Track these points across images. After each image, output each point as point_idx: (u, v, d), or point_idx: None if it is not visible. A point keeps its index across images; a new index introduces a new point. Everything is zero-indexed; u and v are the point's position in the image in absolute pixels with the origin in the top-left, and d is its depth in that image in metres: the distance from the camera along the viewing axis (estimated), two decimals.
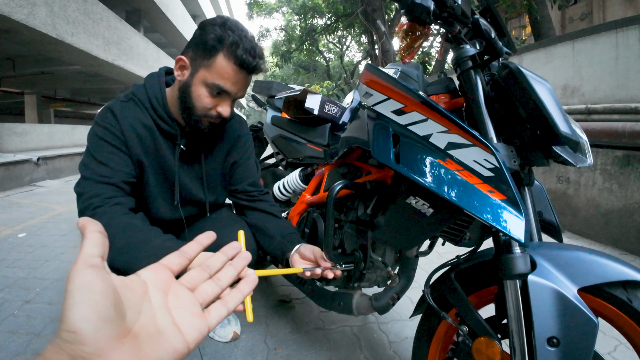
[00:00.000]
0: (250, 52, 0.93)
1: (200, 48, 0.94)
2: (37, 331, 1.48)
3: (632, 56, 2.80)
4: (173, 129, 1.05)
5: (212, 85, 0.94)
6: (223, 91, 0.96)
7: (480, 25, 0.77)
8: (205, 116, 0.99)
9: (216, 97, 0.97)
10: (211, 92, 0.96)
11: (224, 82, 0.94)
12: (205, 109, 0.98)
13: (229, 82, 0.94)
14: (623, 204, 2.50)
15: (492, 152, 0.69)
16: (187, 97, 0.98)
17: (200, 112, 0.98)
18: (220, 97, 0.98)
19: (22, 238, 2.75)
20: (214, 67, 0.93)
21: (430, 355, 0.91)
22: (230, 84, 0.95)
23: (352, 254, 1.08)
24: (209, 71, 0.94)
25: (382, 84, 0.86)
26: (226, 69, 0.93)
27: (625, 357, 1.35)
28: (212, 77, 0.94)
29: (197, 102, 0.97)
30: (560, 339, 0.65)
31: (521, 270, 0.68)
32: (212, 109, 0.98)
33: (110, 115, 1.01)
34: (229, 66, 0.92)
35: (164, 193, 1.12)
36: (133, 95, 1.05)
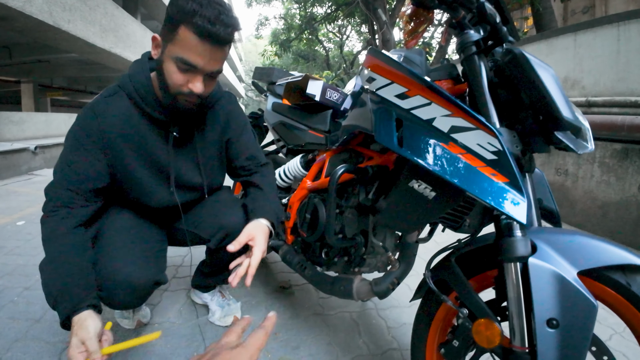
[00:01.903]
0: (212, 20, 0.85)
1: (167, 22, 0.90)
2: (36, 317, 1.49)
3: (633, 50, 2.80)
4: (163, 116, 1.04)
5: (178, 59, 0.90)
6: (189, 65, 0.91)
7: (486, 9, 0.77)
8: (179, 94, 0.96)
9: (186, 72, 0.92)
10: (179, 67, 0.91)
11: (188, 54, 0.89)
12: (177, 85, 0.94)
13: (193, 54, 0.89)
14: (620, 197, 2.52)
15: (496, 136, 0.69)
16: (161, 75, 0.96)
17: (174, 90, 0.95)
18: (191, 73, 0.93)
19: (21, 226, 2.75)
20: (177, 40, 0.89)
21: (430, 337, 0.92)
22: (194, 57, 0.89)
23: (353, 239, 1.09)
24: (174, 44, 0.90)
25: (386, 68, 0.85)
26: (190, 40, 0.87)
27: (620, 345, 1.37)
28: (177, 50, 0.90)
29: (169, 79, 0.94)
30: (559, 321, 0.66)
31: (522, 253, 0.69)
32: (184, 86, 0.94)
33: (92, 115, 1.00)
34: (192, 38, 0.87)
35: (159, 182, 1.12)
36: (119, 87, 1.04)
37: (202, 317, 1.53)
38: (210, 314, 1.51)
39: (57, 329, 1.41)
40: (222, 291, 1.57)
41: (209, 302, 1.53)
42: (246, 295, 1.68)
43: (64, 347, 1.30)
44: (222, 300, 1.52)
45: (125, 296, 1.02)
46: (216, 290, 1.55)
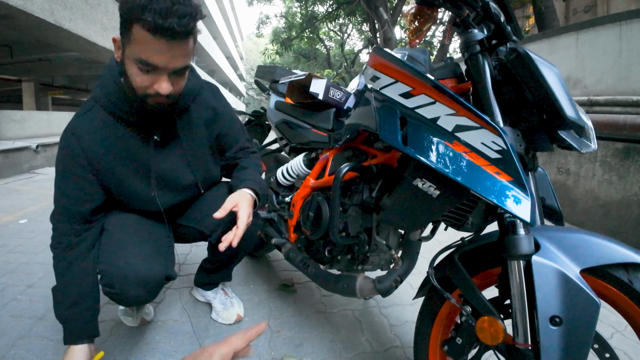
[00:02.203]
0: (164, 13, 0.78)
1: (121, 23, 0.85)
2: (39, 315, 1.49)
3: (635, 49, 2.79)
4: (141, 120, 1.02)
5: (137, 60, 0.85)
6: (150, 65, 0.85)
7: (490, 8, 0.77)
8: (147, 96, 0.91)
9: (149, 73, 0.87)
10: (141, 68, 0.86)
11: (146, 54, 0.83)
12: (142, 88, 0.89)
13: (151, 53, 0.83)
14: (622, 196, 2.52)
15: (500, 134, 0.70)
16: (126, 79, 0.91)
17: (140, 92, 0.91)
18: (154, 73, 0.87)
19: (23, 224, 2.76)
20: (133, 40, 0.83)
21: (433, 335, 0.93)
22: (153, 56, 0.84)
23: (357, 237, 1.09)
24: (131, 46, 0.85)
25: (390, 66, 0.86)
26: (142, 39, 0.82)
27: (622, 344, 1.38)
28: (135, 51, 0.84)
29: (133, 82, 0.89)
30: (562, 318, 0.66)
31: (525, 251, 0.69)
32: (149, 87, 0.89)
33: (71, 137, 0.99)
34: (144, 35, 0.81)
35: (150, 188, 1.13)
36: (94, 101, 1.02)
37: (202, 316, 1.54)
38: (213, 312, 1.51)
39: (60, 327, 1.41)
40: (225, 289, 1.58)
41: (211, 300, 1.54)
42: (249, 293, 1.69)
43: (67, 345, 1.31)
44: (225, 299, 1.53)
45: (138, 291, 1.03)
46: (219, 288, 1.55)
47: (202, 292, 1.57)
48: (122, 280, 1.01)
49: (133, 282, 1.01)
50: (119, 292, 1.02)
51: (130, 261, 1.02)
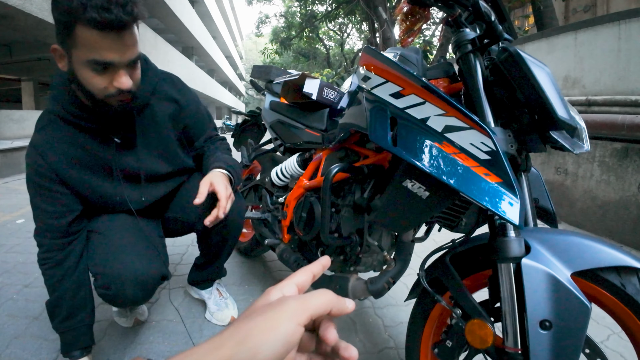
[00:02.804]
0: (104, 6, 0.76)
1: (60, 29, 0.81)
2: (35, 314, 1.49)
3: (633, 49, 2.78)
4: (98, 125, 1.00)
5: (90, 62, 0.82)
6: (106, 63, 0.83)
7: (480, 7, 0.76)
8: (108, 96, 0.88)
9: (104, 72, 0.84)
10: (94, 69, 0.83)
11: (98, 53, 0.80)
12: (102, 89, 0.87)
13: (103, 50, 0.80)
14: (620, 196, 2.51)
15: (489, 135, 0.69)
16: (79, 85, 0.88)
17: (100, 94, 0.88)
18: (109, 71, 0.85)
19: (21, 224, 2.76)
20: (78, 42, 0.80)
21: (424, 337, 0.92)
22: (105, 52, 0.81)
23: (349, 238, 1.09)
24: (78, 49, 0.81)
25: (381, 66, 0.85)
26: (91, 38, 0.78)
27: (618, 346, 1.37)
28: (84, 53, 0.81)
29: (90, 86, 0.86)
30: (552, 322, 0.65)
31: (515, 254, 0.69)
32: (109, 87, 0.87)
33: (34, 153, 0.98)
34: (90, 34, 0.78)
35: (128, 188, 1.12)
36: (50, 113, 1.00)
37: (196, 316, 1.53)
38: (207, 312, 1.51)
39: None
40: (220, 289, 1.57)
41: (206, 300, 1.53)
42: (244, 294, 1.69)
43: None
44: (220, 299, 1.52)
45: (135, 292, 1.03)
46: (213, 288, 1.55)
47: (196, 290, 1.57)
48: (118, 282, 1.00)
49: (130, 282, 1.01)
50: (116, 294, 1.02)
51: (125, 262, 1.02)
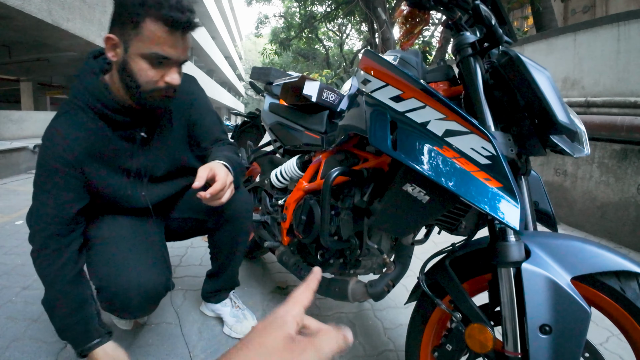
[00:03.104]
0: (178, 8, 0.84)
1: (125, 19, 0.86)
2: (34, 317, 1.49)
3: (633, 50, 2.78)
4: (128, 118, 1.01)
5: (150, 55, 0.87)
6: (164, 58, 0.88)
7: (481, 11, 0.76)
8: (154, 90, 0.93)
9: (159, 66, 0.90)
10: (152, 62, 0.88)
11: (161, 47, 0.86)
12: (152, 82, 0.91)
13: (166, 46, 0.87)
14: (619, 197, 2.51)
15: (490, 140, 0.69)
16: (128, 76, 0.91)
17: (148, 87, 0.91)
18: (164, 66, 0.90)
19: (20, 225, 2.75)
20: (144, 35, 0.85)
21: (424, 341, 0.92)
22: (168, 48, 0.87)
23: (348, 241, 1.08)
24: (142, 41, 0.86)
25: (381, 70, 0.85)
26: (158, 33, 0.85)
27: (617, 348, 1.37)
28: (147, 46, 0.86)
29: (140, 77, 0.90)
30: (552, 327, 0.65)
31: (515, 258, 0.69)
32: (159, 81, 0.91)
33: (55, 135, 0.95)
34: (159, 29, 0.84)
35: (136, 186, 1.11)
36: (75, 99, 0.98)
37: (195, 320, 1.53)
38: (225, 327, 1.44)
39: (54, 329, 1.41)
40: (235, 300, 1.52)
41: (222, 314, 1.47)
42: (243, 296, 1.68)
43: (61, 347, 1.30)
44: (237, 311, 1.47)
45: (139, 307, 1.01)
46: (229, 300, 1.50)
47: (211, 306, 1.50)
48: (122, 296, 0.97)
49: (134, 297, 0.98)
50: (120, 308, 0.99)
51: (130, 276, 0.98)
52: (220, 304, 1.48)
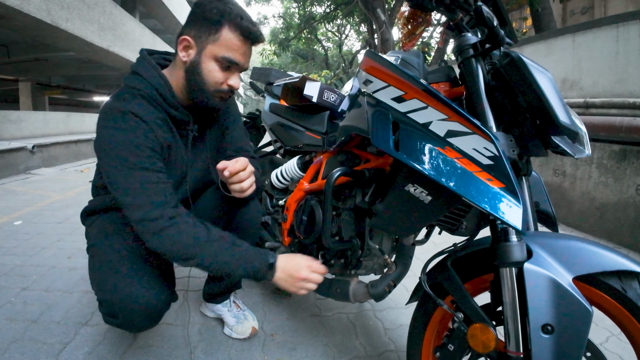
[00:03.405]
0: (253, 22, 0.96)
1: (204, 25, 0.94)
2: (34, 318, 1.48)
3: (632, 51, 2.79)
4: (185, 116, 1.04)
5: (222, 58, 0.96)
6: (233, 63, 0.98)
7: (483, 12, 0.77)
8: (217, 91, 1.01)
9: (226, 70, 0.99)
10: (221, 66, 0.97)
11: (233, 53, 0.96)
12: (217, 83, 0.99)
13: (238, 53, 0.97)
14: (618, 198, 2.52)
15: (492, 141, 0.69)
16: (197, 75, 0.98)
17: (213, 87, 1.00)
18: (230, 70, 1.00)
19: (18, 226, 2.74)
20: (221, 40, 0.95)
21: (426, 341, 0.92)
22: (239, 55, 0.97)
23: (350, 241, 1.08)
24: (217, 45, 0.95)
25: (383, 70, 0.85)
26: (234, 40, 0.95)
27: (617, 348, 1.37)
28: (221, 50, 0.95)
29: (208, 78, 0.98)
30: (554, 326, 0.66)
31: (517, 258, 0.69)
32: (223, 83, 1.00)
33: (133, 117, 0.92)
34: (236, 38, 0.95)
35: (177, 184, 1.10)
36: (135, 89, 0.97)
37: (196, 320, 1.53)
38: (226, 328, 1.44)
39: (55, 330, 1.41)
40: (237, 301, 1.51)
41: (223, 315, 1.46)
42: (243, 297, 1.68)
43: (61, 348, 1.30)
44: (238, 312, 1.46)
45: (142, 323, 0.99)
46: (230, 301, 1.49)
47: (212, 306, 1.50)
48: (126, 312, 0.95)
49: (138, 314, 0.95)
50: (122, 324, 0.97)
51: (134, 291, 0.95)
52: (221, 305, 1.48)
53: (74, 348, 1.31)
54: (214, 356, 1.31)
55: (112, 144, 0.90)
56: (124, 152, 0.90)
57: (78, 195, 3.83)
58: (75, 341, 1.35)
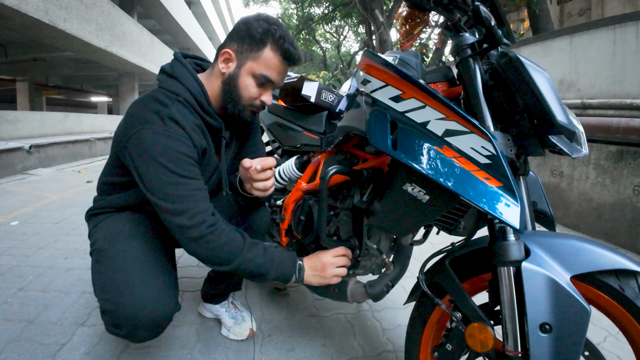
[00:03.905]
0: (294, 45, 1.01)
1: (247, 41, 0.98)
2: (30, 318, 1.48)
3: (629, 52, 2.81)
4: (219, 123, 1.06)
5: (260, 76, 0.99)
6: (269, 81, 1.01)
7: (481, 12, 0.77)
8: (250, 105, 1.04)
9: (261, 87, 1.02)
10: (257, 82, 1.01)
11: (271, 72, 1.00)
12: (251, 98, 1.02)
13: (275, 72, 1.01)
14: (615, 199, 2.53)
15: (490, 140, 0.69)
16: (233, 88, 1.01)
17: (246, 102, 1.03)
18: (264, 87, 1.03)
19: (15, 226, 2.73)
20: (262, 58, 0.98)
21: (424, 341, 0.92)
22: (276, 74, 1.01)
23: (347, 241, 1.08)
24: (257, 62, 0.99)
25: (381, 70, 0.85)
26: (273, 60, 0.99)
27: (614, 347, 1.38)
28: (260, 68, 0.99)
29: (244, 92, 1.01)
30: (552, 325, 0.66)
31: (515, 257, 0.69)
32: (257, 99, 1.03)
33: (174, 124, 0.93)
34: (276, 58, 0.99)
35: None
36: (174, 94, 0.98)
37: (194, 321, 1.52)
38: (223, 329, 1.43)
39: (51, 330, 1.41)
40: (235, 302, 1.51)
41: (221, 315, 1.46)
42: (241, 297, 1.68)
43: (58, 349, 1.30)
44: (235, 312, 1.45)
45: (148, 334, 0.97)
46: (228, 302, 1.49)
47: (209, 307, 1.49)
48: (131, 324, 0.93)
49: (143, 325, 0.94)
50: (126, 335, 0.95)
51: (140, 303, 0.93)
52: (219, 305, 1.48)
53: (70, 349, 1.31)
54: (211, 356, 1.30)
55: (154, 149, 0.89)
56: (167, 159, 0.90)
57: (75, 196, 3.82)
58: (72, 342, 1.35)
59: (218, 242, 0.93)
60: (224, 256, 0.94)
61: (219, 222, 0.95)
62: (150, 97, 0.97)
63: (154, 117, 0.92)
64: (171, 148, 0.90)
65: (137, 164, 0.92)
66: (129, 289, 0.94)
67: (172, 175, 0.90)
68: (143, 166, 0.91)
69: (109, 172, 1.12)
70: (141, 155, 0.91)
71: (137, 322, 0.93)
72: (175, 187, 0.90)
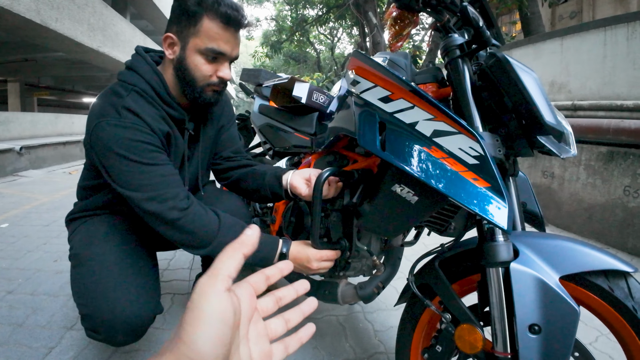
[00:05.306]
0: (232, 7, 0.91)
1: (183, 19, 0.92)
2: (19, 322, 1.46)
3: (619, 54, 2.84)
4: (180, 114, 1.02)
5: (206, 50, 0.93)
6: (218, 53, 0.94)
7: (468, 13, 0.77)
8: (207, 85, 0.98)
9: (213, 62, 0.96)
10: (207, 58, 0.94)
11: (217, 43, 0.93)
12: (205, 77, 0.96)
13: (221, 42, 0.93)
14: (606, 199, 2.55)
15: (477, 140, 0.69)
16: (184, 71, 0.96)
17: (202, 82, 0.97)
18: (218, 61, 0.96)
19: (5, 228, 2.69)
20: (202, 31, 0.91)
21: (414, 342, 0.92)
22: (223, 44, 0.94)
23: (338, 243, 1.08)
24: (199, 37, 0.92)
25: (370, 71, 0.85)
26: (214, 29, 0.91)
27: (606, 347, 1.38)
28: (204, 42, 0.92)
29: (196, 72, 0.95)
30: (541, 326, 0.66)
31: (504, 258, 0.69)
32: (212, 76, 0.97)
33: (129, 113, 0.91)
34: (216, 26, 0.91)
35: None
36: (131, 85, 0.96)
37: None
38: None
39: (40, 334, 1.38)
40: None
41: None
42: None
43: (46, 352, 1.28)
44: None
45: (125, 338, 0.95)
46: None
47: None
48: (108, 328, 0.91)
49: (121, 329, 0.92)
50: (105, 339, 0.94)
51: (117, 306, 0.91)
52: None
53: (59, 352, 1.29)
54: None
55: (113, 142, 0.88)
56: (126, 150, 0.88)
57: (66, 198, 3.78)
58: (61, 345, 1.33)
59: (192, 226, 0.91)
60: (200, 239, 0.92)
61: (192, 205, 0.92)
62: (107, 91, 0.96)
63: (109, 109, 0.91)
64: (129, 138, 0.89)
65: (102, 161, 0.91)
66: (105, 293, 0.93)
67: (135, 165, 0.89)
68: (107, 161, 0.90)
69: (85, 176, 1.13)
70: (103, 151, 0.90)
71: (114, 325, 0.91)
72: (140, 176, 0.89)
